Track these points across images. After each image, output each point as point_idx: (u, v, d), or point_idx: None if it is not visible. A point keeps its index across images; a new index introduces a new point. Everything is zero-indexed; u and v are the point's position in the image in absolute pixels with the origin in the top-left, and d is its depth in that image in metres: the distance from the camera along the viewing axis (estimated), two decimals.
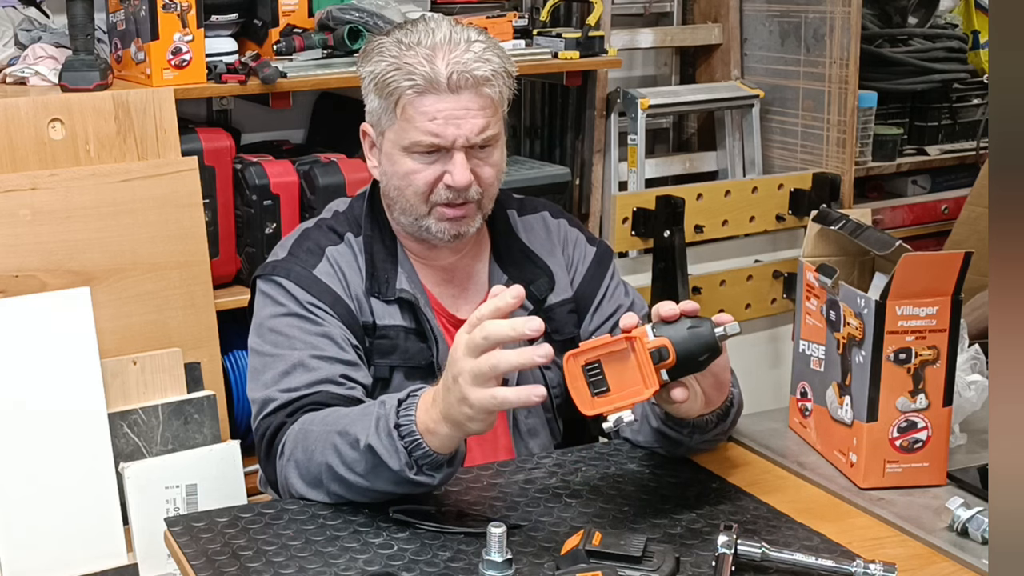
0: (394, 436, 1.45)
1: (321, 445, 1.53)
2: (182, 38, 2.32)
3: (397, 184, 1.73)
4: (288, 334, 1.69)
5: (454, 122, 1.67)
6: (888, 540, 1.53)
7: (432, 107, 1.66)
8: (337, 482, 1.53)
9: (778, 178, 3.08)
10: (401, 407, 1.47)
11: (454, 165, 1.69)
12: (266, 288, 1.75)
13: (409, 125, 1.68)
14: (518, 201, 1.92)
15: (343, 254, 1.77)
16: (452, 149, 1.68)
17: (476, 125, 1.68)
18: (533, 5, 3.08)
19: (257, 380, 1.69)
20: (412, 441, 1.44)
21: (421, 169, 1.70)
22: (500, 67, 1.70)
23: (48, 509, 2.04)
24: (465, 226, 1.74)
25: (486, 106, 1.68)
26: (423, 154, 1.69)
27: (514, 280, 1.82)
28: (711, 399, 1.58)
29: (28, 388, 2.04)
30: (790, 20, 3.21)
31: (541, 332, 1.36)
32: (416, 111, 1.67)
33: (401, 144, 1.70)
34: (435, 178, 1.70)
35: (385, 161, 1.75)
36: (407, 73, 1.66)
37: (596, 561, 1.34)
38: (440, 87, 1.66)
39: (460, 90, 1.66)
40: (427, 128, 1.67)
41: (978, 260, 1.61)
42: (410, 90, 1.66)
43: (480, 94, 1.68)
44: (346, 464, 1.50)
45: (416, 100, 1.67)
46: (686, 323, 1.45)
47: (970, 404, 1.73)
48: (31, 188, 2.12)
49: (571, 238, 1.91)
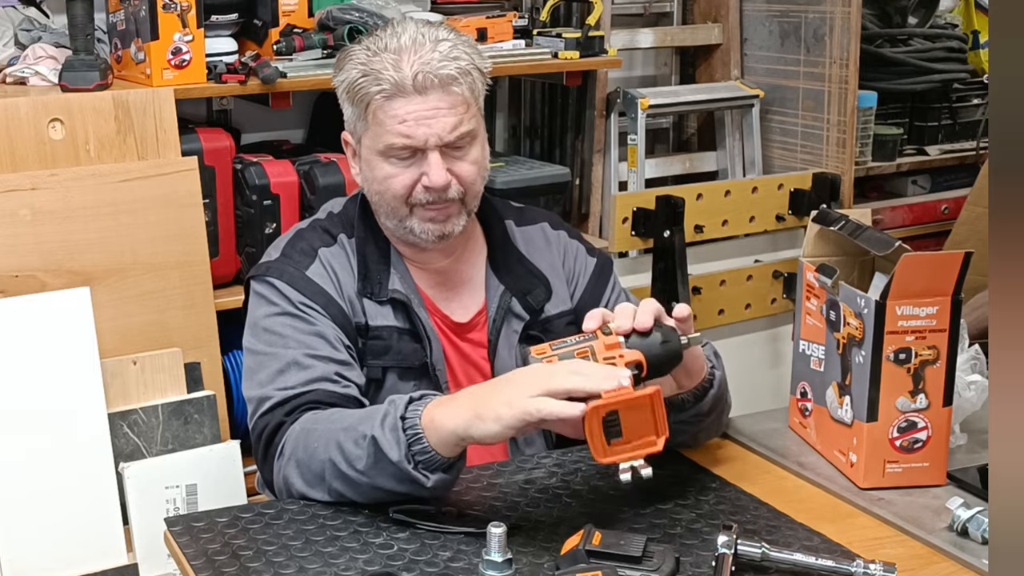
0: (398, 427, 1.46)
1: (324, 442, 1.53)
2: (182, 38, 2.32)
3: (377, 189, 1.74)
4: (282, 333, 1.70)
5: (424, 123, 1.67)
6: (888, 540, 1.53)
7: (401, 110, 1.67)
8: (339, 479, 1.53)
9: (778, 178, 3.08)
10: (411, 403, 1.48)
11: (430, 166, 1.69)
12: (259, 288, 1.76)
13: (381, 129, 1.69)
14: (517, 211, 1.92)
15: (336, 255, 1.78)
16: (426, 150, 1.69)
17: (447, 124, 1.68)
18: (533, 5, 3.08)
19: (252, 379, 1.70)
20: (413, 434, 1.45)
21: (398, 173, 1.71)
22: (468, 63, 1.70)
23: (48, 509, 2.04)
24: (449, 226, 1.74)
25: (456, 104, 1.69)
26: (399, 158, 1.70)
27: (511, 289, 1.82)
28: (682, 383, 1.60)
29: (28, 388, 2.04)
30: (790, 20, 3.21)
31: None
32: (386, 115, 1.68)
33: (376, 149, 1.71)
34: (413, 181, 1.71)
35: (365, 167, 1.76)
36: (375, 79, 1.68)
37: (596, 561, 1.34)
38: (407, 89, 1.67)
39: (427, 91, 1.67)
40: (398, 131, 1.68)
41: (978, 260, 1.61)
42: (379, 95, 1.68)
43: (449, 92, 1.68)
44: (349, 461, 1.50)
45: (385, 104, 1.68)
46: (658, 336, 1.47)
47: (970, 404, 1.73)
48: (31, 188, 2.12)
49: (571, 249, 1.91)
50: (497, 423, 1.41)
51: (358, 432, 1.50)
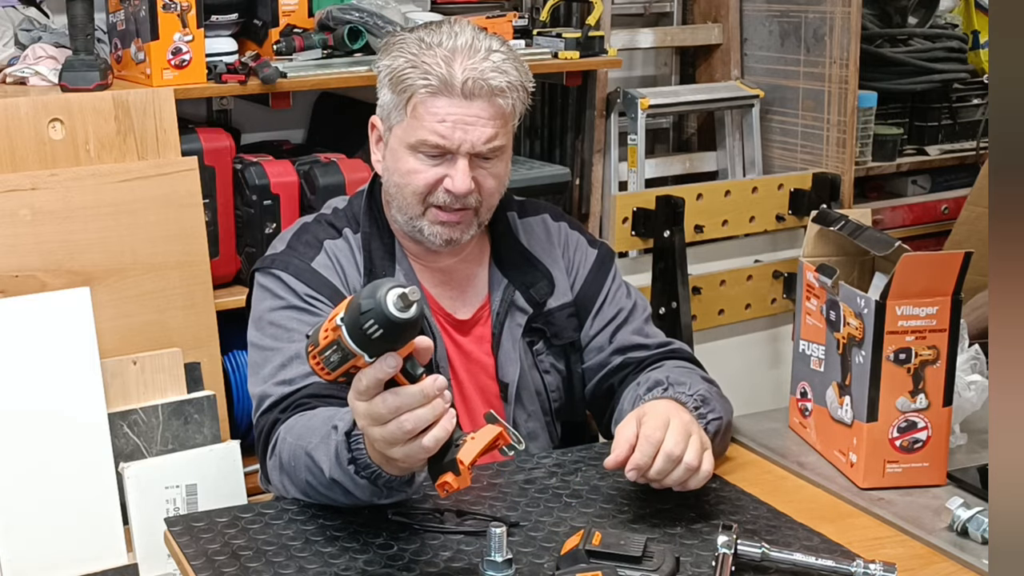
0: (351, 473, 1.43)
1: (298, 463, 1.52)
2: (182, 38, 2.32)
3: (397, 181, 1.73)
4: (287, 327, 1.69)
5: (462, 127, 1.67)
6: (888, 540, 1.53)
7: (443, 109, 1.66)
8: (322, 497, 1.53)
9: (778, 178, 3.08)
10: (351, 440, 1.43)
11: (456, 171, 1.69)
12: (264, 281, 1.75)
13: (418, 124, 1.68)
14: (519, 203, 1.92)
15: (341, 249, 1.78)
16: (456, 154, 1.68)
17: (484, 134, 1.68)
18: (533, 5, 3.08)
19: (257, 374, 1.70)
20: (372, 473, 1.42)
21: (423, 169, 1.70)
22: (517, 80, 1.70)
23: (48, 509, 2.04)
24: (458, 232, 1.74)
25: (496, 116, 1.68)
26: (428, 155, 1.69)
27: (514, 283, 1.82)
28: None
29: (28, 388, 2.03)
30: (790, 20, 3.21)
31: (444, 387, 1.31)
32: (427, 111, 1.67)
33: (407, 142, 1.70)
34: (436, 180, 1.70)
35: (389, 156, 1.75)
36: (423, 72, 1.66)
37: (596, 561, 1.35)
38: (454, 91, 1.66)
39: (473, 97, 1.66)
40: (435, 129, 1.67)
41: (978, 260, 1.61)
42: (423, 89, 1.66)
43: (493, 103, 1.68)
44: (323, 486, 1.50)
45: (428, 100, 1.67)
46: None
47: (970, 404, 1.73)
48: (31, 188, 2.12)
49: (572, 241, 1.91)
50: (416, 464, 1.37)
51: (316, 466, 1.48)
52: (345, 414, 1.46)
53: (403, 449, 1.31)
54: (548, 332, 1.83)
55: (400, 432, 1.29)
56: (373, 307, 1.22)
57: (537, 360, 1.83)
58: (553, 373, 1.84)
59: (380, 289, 1.23)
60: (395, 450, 1.32)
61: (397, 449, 1.31)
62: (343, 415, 1.47)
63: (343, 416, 1.47)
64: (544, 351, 1.84)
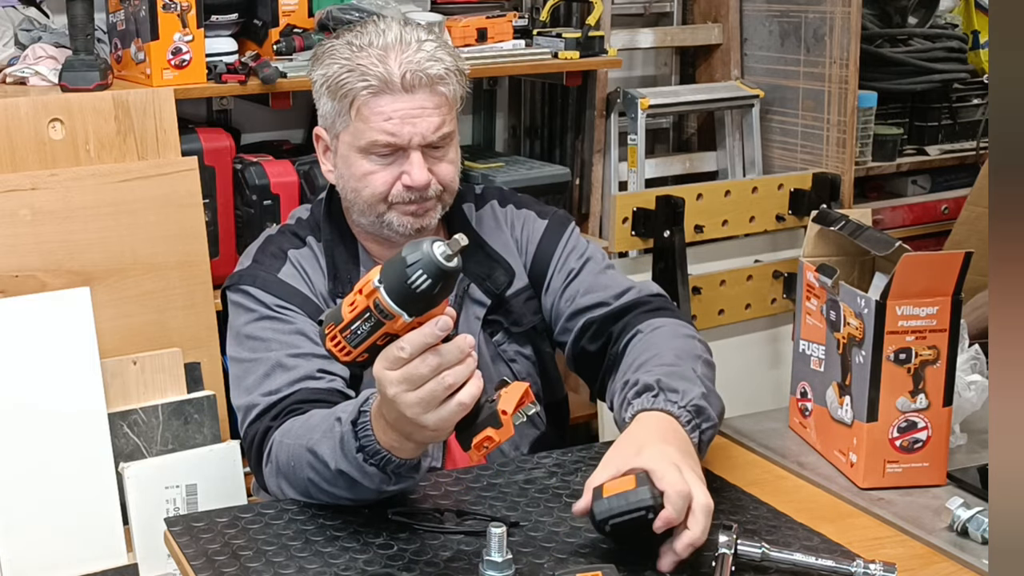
0: (359, 461, 1.42)
1: (299, 462, 1.52)
2: (182, 38, 2.32)
3: (355, 186, 1.74)
4: (263, 337, 1.70)
5: (410, 121, 1.67)
6: (888, 540, 1.53)
7: (388, 107, 1.67)
8: (324, 495, 1.52)
9: (778, 178, 3.08)
10: (357, 427, 1.42)
11: (411, 165, 1.69)
12: (235, 298, 1.77)
13: (365, 126, 1.69)
14: (475, 195, 1.92)
15: (305, 256, 1.79)
16: (408, 148, 1.69)
17: (432, 124, 1.68)
18: (533, 5, 3.08)
19: (239, 387, 1.70)
20: (381, 459, 1.41)
21: (378, 170, 1.71)
22: (452, 65, 1.71)
23: (48, 509, 2.04)
24: (427, 219, 1.75)
25: (440, 104, 1.69)
26: (379, 155, 1.70)
27: (470, 275, 1.81)
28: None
29: (28, 388, 2.03)
30: (790, 20, 3.21)
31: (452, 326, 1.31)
32: (371, 111, 1.68)
33: (357, 145, 1.71)
34: (393, 179, 1.71)
35: (341, 164, 1.76)
36: (361, 74, 1.67)
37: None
38: (394, 87, 1.66)
39: (414, 89, 1.67)
40: (383, 128, 1.67)
41: (978, 260, 1.61)
42: (364, 91, 1.67)
43: (435, 92, 1.69)
44: (327, 481, 1.49)
45: (371, 101, 1.67)
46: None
47: (970, 404, 1.73)
48: (31, 188, 2.12)
49: (519, 219, 1.89)
50: (440, 435, 1.37)
51: (321, 459, 1.47)
52: (346, 406, 1.47)
53: (438, 412, 1.31)
54: (506, 322, 1.83)
55: (441, 388, 1.29)
56: (421, 258, 1.24)
57: (500, 351, 1.83)
58: (520, 360, 1.84)
59: (423, 243, 1.25)
60: (430, 415, 1.31)
61: (431, 414, 1.31)
62: (344, 408, 1.48)
63: (344, 408, 1.47)
64: (505, 340, 1.84)
